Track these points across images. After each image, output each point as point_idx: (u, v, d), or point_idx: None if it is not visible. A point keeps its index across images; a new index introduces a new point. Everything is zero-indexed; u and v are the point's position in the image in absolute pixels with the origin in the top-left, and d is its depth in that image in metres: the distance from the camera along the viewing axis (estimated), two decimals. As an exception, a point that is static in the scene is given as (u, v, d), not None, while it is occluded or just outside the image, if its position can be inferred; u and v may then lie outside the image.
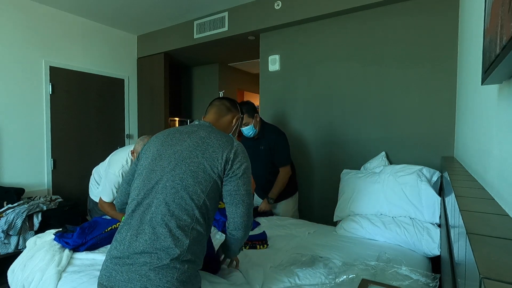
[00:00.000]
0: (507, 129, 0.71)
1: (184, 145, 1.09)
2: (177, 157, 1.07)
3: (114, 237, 1.05)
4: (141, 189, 1.07)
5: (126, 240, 1.00)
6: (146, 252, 0.96)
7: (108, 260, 1.01)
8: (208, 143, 1.09)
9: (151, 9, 3.39)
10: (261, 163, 2.33)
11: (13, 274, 1.58)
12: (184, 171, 1.04)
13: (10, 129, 3.10)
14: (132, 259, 0.96)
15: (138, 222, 1.02)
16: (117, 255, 0.99)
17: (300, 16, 2.80)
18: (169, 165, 1.06)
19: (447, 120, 2.23)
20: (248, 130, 2.27)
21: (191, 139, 1.11)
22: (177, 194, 1.01)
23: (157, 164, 1.09)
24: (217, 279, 1.35)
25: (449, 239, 1.15)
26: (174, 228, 0.98)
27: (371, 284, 1.22)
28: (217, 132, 1.14)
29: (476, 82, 1.21)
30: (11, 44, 3.08)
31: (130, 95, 4.26)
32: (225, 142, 1.10)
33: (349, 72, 2.67)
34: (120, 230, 1.05)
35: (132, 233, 1.00)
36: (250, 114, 2.23)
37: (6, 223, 2.46)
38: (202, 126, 1.19)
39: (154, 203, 1.02)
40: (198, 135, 1.12)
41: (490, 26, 0.71)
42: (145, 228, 0.99)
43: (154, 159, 1.11)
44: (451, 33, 2.20)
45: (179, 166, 1.05)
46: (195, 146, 1.08)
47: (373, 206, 1.99)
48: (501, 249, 0.50)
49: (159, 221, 0.99)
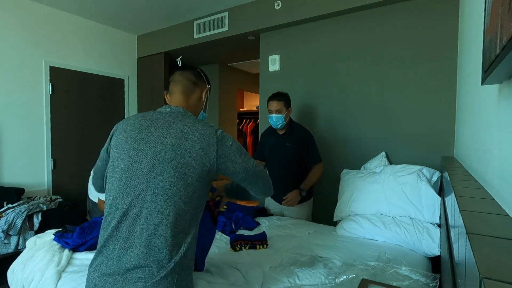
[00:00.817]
0: (507, 129, 0.71)
1: (166, 144, 0.97)
2: (161, 159, 0.95)
3: (99, 250, 0.96)
4: (124, 197, 0.96)
5: (114, 255, 0.92)
6: (139, 266, 0.89)
7: (96, 277, 0.93)
8: (192, 139, 0.98)
9: (151, 9, 3.39)
10: (285, 159, 2.27)
11: (13, 274, 1.58)
12: (173, 175, 0.94)
13: (10, 129, 3.10)
14: (124, 276, 0.89)
15: (126, 235, 0.93)
16: (106, 272, 0.92)
17: (300, 16, 2.80)
18: (153, 169, 0.95)
19: (447, 120, 2.23)
20: (277, 119, 2.17)
21: (171, 135, 0.98)
22: (170, 201, 0.93)
23: (138, 167, 0.97)
24: (216, 279, 1.35)
25: (449, 239, 1.15)
26: (170, 238, 0.91)
27: (371, 284, 1.22)
28: (197, 123, 1.02)
29: (476, 82, 1.21)
30: (11, 44, 3.08)
31: (130, 95, 4.26)
32: (209, 135, 0.99)
33: (349, 72, 2.67)
34: (106, 243, 0.95)
35: (121, 246, 0.92)
36: (286, 104, 2.19)
37: (6, 223, 2.46)
38: (177, 115, 1.05)
39: (143, 212, 0.93)
40: (177, 129, 0.99)
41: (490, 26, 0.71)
42: (135, 241, 0.91)
43: (133, 162, 0.98)
44: (451, 33, 2.20)
45: (166, 170, 0.94)
46: (178, 144, 0.97)
47: (373, 206, 1.99)
48: (501, 249, 0.50)
49: (152, 232, 0.91)
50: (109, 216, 0.98)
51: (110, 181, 1.02)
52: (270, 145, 2.35)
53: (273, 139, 2.33)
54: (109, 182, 1.02)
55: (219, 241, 1.83)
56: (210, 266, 1.46)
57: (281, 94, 2.22)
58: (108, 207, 0.99)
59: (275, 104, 2.17)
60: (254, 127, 5.68)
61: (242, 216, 2.16)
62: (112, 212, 0.97)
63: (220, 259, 1.56)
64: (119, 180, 0.99)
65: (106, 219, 0.99)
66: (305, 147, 2.24)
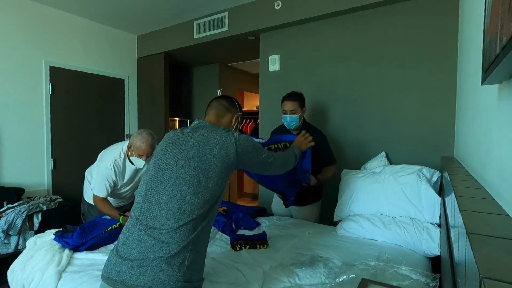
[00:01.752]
0: (507, 129, 0.71)
1: (190, 145, 1.14)
2: (184, 156, 1.11)
3: (124, 234, 1.08)
4: (148, 185, 1.12)
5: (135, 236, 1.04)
6: (157, 244, 1.00)
7: (119, 260, 1.03)
8: (213, 141, 1.13)
9: (151, 9, 3.39)
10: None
11: (13, 274, 1.58)
12: (194, 169, 1.08)
13: (10, 129, 3.10)
14: (145, 261, 0.99)
15: (148, 218, 1.06)
16: (129, 258, 1.02)
17: (300, 16, 2.80)
18: (176, 164, 1.11)
19: (447, 120, 2.23)
20: (292, 119, 2.14)
21: (194, 139, 1.15)
22: (190, 190, 1.05)
23: (163, 162, 1.14)
24: (217, 278, 1.35)
25: (449, 239, 1.15)
26: (186, 222, 1.02)
27: (371, 283, 1.22)
28: (217, 129, 1.19)
29: (476, 82, 1.21)
30: (11, 44, 3.08)
31: (130, 95, 4.26)
32: (228, 138, 1.15)
33: (349, 72, 2.67)
34: (129, 225, 1.09)
35: (141, 228, 1.05)
36: (300, 104, 2.17)
37: (6, 223, 2.46)
38: (203, 126, 1.23)
39: (163, 199, 1.06)
40: (200, 134, 1.16)
41: (490, 26, 0.71)
42: (155, 224, 1.03)
43: (160, 158, 1.17)
44: (451, 33, 2.20)
45: (188, 165, 1.09)
46: (200, 145, 1.12)
47: (373, 206, 1.99)
48: (501, 249, 0.50)
49: (172, 216, 1.03)
50: (137, 202, 1.14)
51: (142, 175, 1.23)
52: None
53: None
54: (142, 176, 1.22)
55: (219, 241, 1.83)
56: (210, 266, 1.46)
57: (295, 94, 2.19)
58: (137, 194, 1.16)
59: (289, 104, 2.14)
60: (254, 127, 5.68)
61: (242, 216, 2.16)
62: (139, 198, 1.13)
63: (220, 259, 1.56)
64: (147, 172, 1.18)
65: (134, 206, 1.14)
66: (320, 149, 2.18)
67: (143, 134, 1.98)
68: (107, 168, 1.98)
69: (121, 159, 2.04)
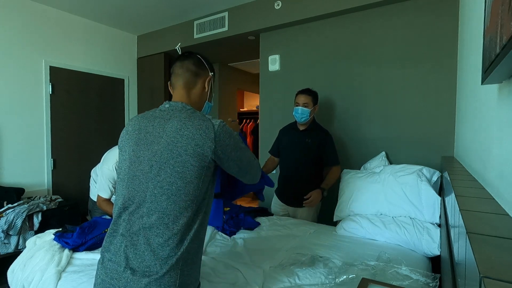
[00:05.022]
0: (507, 129, 0.71)
1: (162, 144, 0.96)
2: (158, 159, 0.96)
3: (106, 248, 0.99)
4: (127, 197, 1.00)
5: (121, 252, 0.95)
6: (143, 264, 0.92)
7: (104, 274, 0.96)
8: (187, 135, 0.95)
9: (151, 9, 3.39)
10: (302, 156, 2.25)
11: (13, 274, 1.58)
12: (170, 175, 0.94)
13: (10, 129, 3.10)
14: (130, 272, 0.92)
15: (131, 233, 0.96)
16: (114, 268, 0.95)
17: (300, 16, 2.80)
18: (151, 170, 0.96)
19: (447, 120, 2.23)
20: (303, 112, 2.17)
21: (166, 134, 0.97)
22: (170, 200, 0.93)
23: (137, 168, 0.99)
24: (217, 278, 1.35)
25: (449, 239, 1.15)
26: (172, 236, 0.93)
27: (371, 283, 1.22)
28: (193, 118, 0.99)
29: (476, 82, 1.21)
30: (11, 44, 3.08)
31: (130, 95, 4.26)
32: (206, 130, 0.96)
33: (349, 72, 2.67)
34: (113, 240, 0.99)
35: (127, 244, 0.95)
36: (314, 100, 2.21)
37: (6, 223, 2.46)
38: (174, 111, 1.03)
39: (145, 212, 0.95)
40: (172, 126, 0.97)
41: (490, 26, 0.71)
42: (139, 239, 0.94)
43: (133, 163, 1.01)
44: (451, 33, 2.20)
45: (163, 170, 0.94)
46: (174, 143, 0.95)
47: (373, 206, 1.98)
48: (501, 248, 0.50)
49: (154, 231, 0.93)
50: (116, 215, 1.01)
51: (117, 183, 1.06)
52: (288, 140, 2.34)
53: (292, 135, 2.31)
54: (117, 183, 1.06)
55: (220, 241, 1.83)
56: (210, 266, 1.46)
57: (310, 90, 2.24)
58: (116, 207, 1.03)
59: (303, 97, 2.19)
60: (254, 127, 5.67)
61: (242, 216, 2.16)
62: (118, 211, 1.01)
63: (220, 259, 1.56)
64: (122, 181, 1.03)
65: (114, 219, 1.02)
66: (325, 148, 2.23)
67: None
68: (110, 170, 2.03)
69: None
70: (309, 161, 2.25)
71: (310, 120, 2.24)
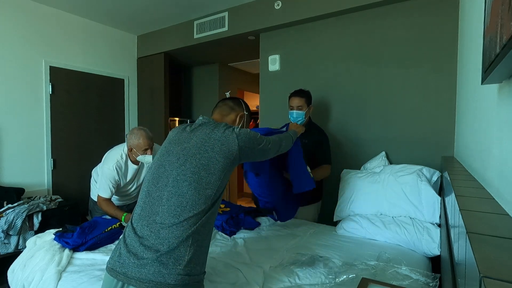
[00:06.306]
0: (507, 129, 0.71)
1: (191, 143, 1.15)
2: (186, 153, 1.13)
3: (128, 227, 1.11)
4: (150, 182, 1.15)
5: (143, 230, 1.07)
6: (159, 240, 1.03)
7: (123, 252, 1.05)
8: (215, 138, 1.15)
9: (151, 9, 3.39)
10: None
11: (13, 274, 1.58)
12: (195, 166, 1.10)
13: (10, 129, 3.10)
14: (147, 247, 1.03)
15: (151, 213, 1.08)
16: (132, 250, 1.05)
17: (300, 16, 2.80)
18: (178, 160, 1.13)
19: (447, 120, 2.23)
20: (298, 115, 2.17)
21: (196, 136, 1.17)
22: (191, 186, 1.07)
23: (165, 159, 1.17)
24: (217, 278, 1.35)
25: (449, 239, 1.15)
26: (187, 217, 1.04)
27: (371, 283, 1.22)
28: (219, 126, 1.20)
29: (476, 82, 1.21)
30: (11, 44, 3.08)
31: (130, 95, 4.26)
32: (229, 134, 1.16)
33: (349, 72, 2.67)
34: (136, 221, 1.11)
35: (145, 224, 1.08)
36: (307, 101, 2.20)
37: (6, 223, 2.46)
38: (206, 123, 1.24)
39: (165, 195, 1.08)
40: (202, 131, 1.18)
41: (490, 26, 0.71)
42: (157, 219, 1.06)
43: (163, 155, 1.20)
44: (451, 33, 2.20)
45: (189, 162, 1.11)
46: (202, 142, 1.14)
47: (373, 206, 1.99)
48: (501, 248, 0.50)
49: (172, 212, 1.05)
50: (140, 198, 1.16)
51: (146, 173, 1.21)
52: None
53: None
54: (146, 174, 1.22)
55: (220, 241, 1.83)
56: (210, 266, 1.46)
57: (303, 91, 2.23)
58: (141, 191, 1.19)
59: (297, 100, 2.17)
60: (254, 127, 5.67)
61: (242, 216, 2.16)
62: (142, 195, 1.16)
63: (220, 259, 1.56)
64: (151, 169, 1.20)
65: (138, 202, 1.17)
66: (320, 147, 2.23)
67: (134, 131, 2.04)
68: (110, 170, 2.03)
69: (122, 160, 2.10)
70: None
71: (306, 121, 2.24)
